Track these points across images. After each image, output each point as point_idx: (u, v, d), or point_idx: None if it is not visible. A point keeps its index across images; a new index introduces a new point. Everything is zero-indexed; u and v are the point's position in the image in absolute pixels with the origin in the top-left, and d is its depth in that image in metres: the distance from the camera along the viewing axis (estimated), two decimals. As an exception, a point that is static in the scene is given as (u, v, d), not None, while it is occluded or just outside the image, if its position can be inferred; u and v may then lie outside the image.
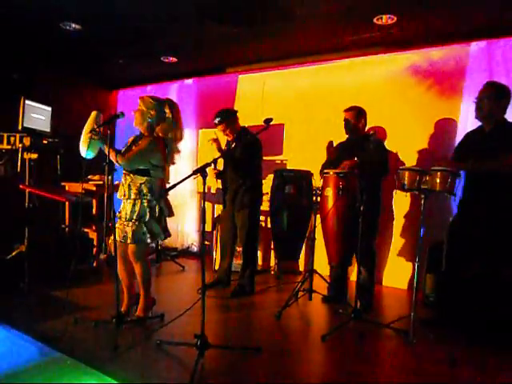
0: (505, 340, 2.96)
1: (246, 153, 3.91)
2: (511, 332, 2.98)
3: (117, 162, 2.99)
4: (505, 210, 3.04)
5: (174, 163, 3.33)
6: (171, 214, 3.27)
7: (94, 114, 3.15)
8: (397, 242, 4.59)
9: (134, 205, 3.07)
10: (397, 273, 4.60)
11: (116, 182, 3.58)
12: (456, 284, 3.22)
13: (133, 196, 3.07)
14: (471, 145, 3.23)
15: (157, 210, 3.11)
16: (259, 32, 4.42)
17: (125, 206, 3.12)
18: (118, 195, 3.14)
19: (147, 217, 3.06)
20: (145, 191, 3.06)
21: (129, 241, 3.06)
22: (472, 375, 2.59)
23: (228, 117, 3.99)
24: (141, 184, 3.07)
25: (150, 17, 4.07)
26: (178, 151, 3.29)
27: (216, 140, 3.97)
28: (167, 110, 3.14)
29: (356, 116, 3.84)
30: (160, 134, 3.14)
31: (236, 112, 4.08)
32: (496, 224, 3.02)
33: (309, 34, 4.38)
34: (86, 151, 3.00)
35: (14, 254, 4.08)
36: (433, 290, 3.80)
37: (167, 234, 3.30)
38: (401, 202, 4.38)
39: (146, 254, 3.27)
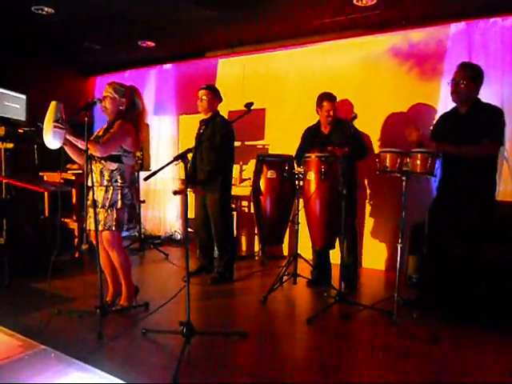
0: (485, 317, 3.03)
1: (217, 136, 3.87)
2: (491, 309, 3.05)
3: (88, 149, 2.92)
4: (482, 190, 3.10)
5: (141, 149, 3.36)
6: (138, 201, 3.26)
7: (53, 103, 2.98)
8: (374, 223, 4.64)
9: (106, 191, 3.05)
10: (374, 254, 4.67)
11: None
12: (438, 264, 3.28)
13: (105, 183, 3.05)
14: (447, 127, 3.25)
15: (129, 197, 3.11)
16: (238, 15, 4.35)
17: (97, 194, 3.07)
18: (89, 183, 3.07)
19: (119, 204, 3.04)
20: (118, 178, 3.05)
21: (101, 227, 3.04)
22: (454, 352, 2.65)
23: (216, 91, 4.05)
24: (113, 171, 3.05)
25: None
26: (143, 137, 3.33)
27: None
28: (136, 98, 3.19)
29: (335, 104, 3.89)
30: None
31: (222, 98, 4.10)
32: (474, 204, 3.07)
33: (288, 16, 4.32)
34: (51, 142, 2.91)
35: (-8, 246, 3.99)
36: (415, 270, 3.85)
37: (135, 223, 3.32)
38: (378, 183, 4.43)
39: (121, 241, 3.24)
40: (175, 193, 4.24)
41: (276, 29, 4.71)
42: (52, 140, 2.90)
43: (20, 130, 4.26)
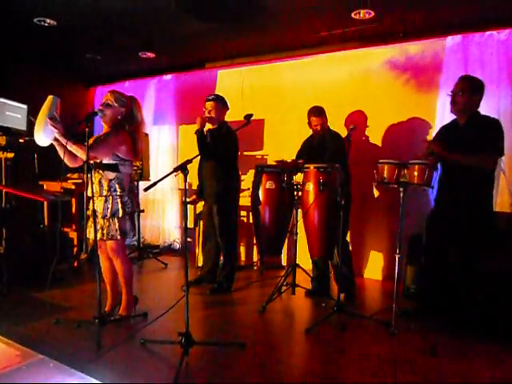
0: (483, 327, 3.04)
1: (222, 147, 3.89)
2: (489, 319, 3.06)
3: (78, 152, 2.92)
4: (479, 200, 3.13)
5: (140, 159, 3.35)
6: (139, 210, 3.28)
7: (50, 98, 2.92)
8: (372, 233, 4.66)
9: (106, 201, 3.06)
10: (372, 264, 4.69)
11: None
12: (435, 274, 3.29)
13: (104, 193, 3.06)
14: (446, 138, 3.28)
15: (129, 204, 3.13)
16: (237, 27, 4.41)
17: (97, 204, 3.08)
18: (89, 193, 3.07)
19: (121, 213, 3.06)
20: (116, 187, 3.06)
21: (105, 237, 3.06)
22: (452, 363, 2.65)
23: (223, 101, 4.03)
24: (111, 180, 3.06)
25: (126, 11, 4.00)
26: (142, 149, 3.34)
27: (203, 120, 3.87)
28: (135, 109, 3.20)
29: (325, 117, 3.97)
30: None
31: (228, 107, 4.09)
32: (471, 214, 3.10)
33: (287, 28, 4.38)
34: (42, 138, 2.89)
35: (-9, 255, 3.99)
36: (413, 281, 3.86)
37: (134, 231, 3.33)
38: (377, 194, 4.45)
39: (125, 250, 3.26)
40: (187, 203, 4.21)
41: (275, 41, 4.78)
42: (43, 136, 2.88)
43: (21, 140, 4.28)
